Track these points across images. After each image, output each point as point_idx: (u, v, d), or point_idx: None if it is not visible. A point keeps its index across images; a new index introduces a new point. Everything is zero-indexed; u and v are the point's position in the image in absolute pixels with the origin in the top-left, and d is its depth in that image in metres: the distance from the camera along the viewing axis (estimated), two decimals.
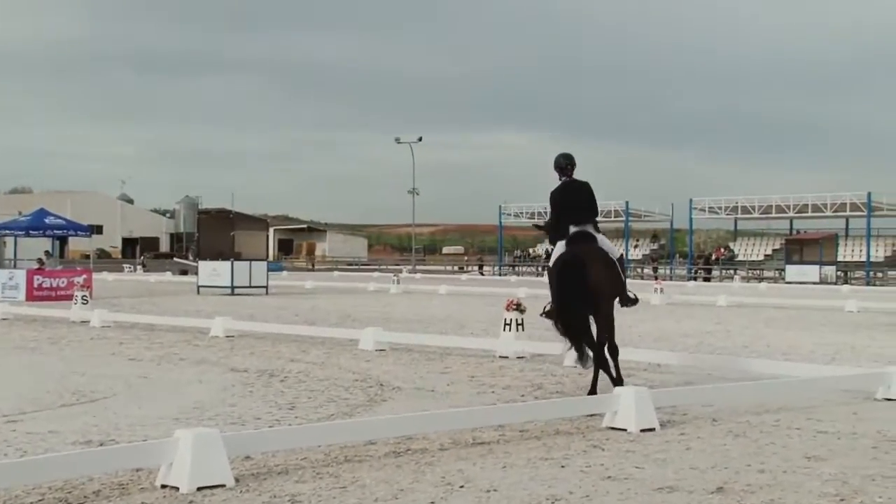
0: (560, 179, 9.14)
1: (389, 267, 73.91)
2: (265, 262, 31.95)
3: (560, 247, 9.00)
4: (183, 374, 10.76)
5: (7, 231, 29.78)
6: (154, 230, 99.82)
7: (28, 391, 9.24)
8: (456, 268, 74.72)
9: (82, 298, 19.94)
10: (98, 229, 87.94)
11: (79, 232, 29.78)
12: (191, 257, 78.68)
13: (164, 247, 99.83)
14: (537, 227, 11.79)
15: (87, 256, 49.36)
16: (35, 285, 27.05)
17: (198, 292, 30.78)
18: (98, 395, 9.08)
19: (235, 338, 14.94)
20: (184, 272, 61.57)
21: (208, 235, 32.46)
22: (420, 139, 72.20)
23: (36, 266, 29.27)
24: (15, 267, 29.63)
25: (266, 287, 30.97)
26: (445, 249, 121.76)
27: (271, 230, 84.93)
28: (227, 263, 30.38)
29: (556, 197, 9.13)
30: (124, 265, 65.06)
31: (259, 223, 34.76)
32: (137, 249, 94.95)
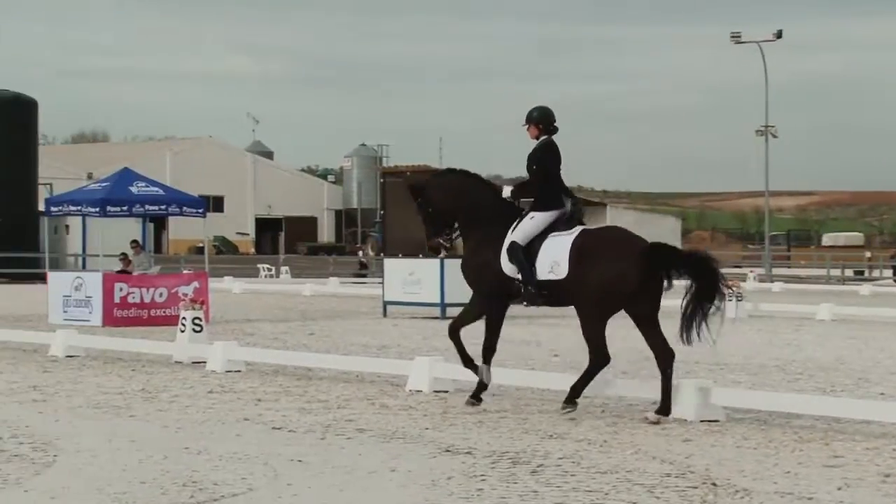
0: (537, 138, 13.57)
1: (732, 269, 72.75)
2: None
3: (547, 216, 13.30)
4: (363, 455, 11.08)
5: (70, 207, 31.18)
6: (308, 205, 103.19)
7: (113, 483, 9.79)
8: (849, 272, 72.71)
9: (194, 323, 20.60)
10: (216, 204, 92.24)
11: (186, 209, 30.66)
12: (369, 251, 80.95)
13: (327, 234, 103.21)
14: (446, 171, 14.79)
15: (201, 250, 51.48)
16: (117, 299, 28.51)
17: (384, 312, 31.69)
18: (224, 489, 9.52)
19: (450, 394, 15.26)
20: (361, 272, 64.15)
21: (401, 214, 33.02)
22: (779, 34, 71.04)
23: (118, 267, 30.90)
24: (84, 268, 30.77)
25: None
26: (827, 237, 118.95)
27: None
28: (434, 263, 30.83)
29: (547, 156, 13.49)
30: (260, 266, 67.76)
31: None
32: (281, 238, 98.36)
